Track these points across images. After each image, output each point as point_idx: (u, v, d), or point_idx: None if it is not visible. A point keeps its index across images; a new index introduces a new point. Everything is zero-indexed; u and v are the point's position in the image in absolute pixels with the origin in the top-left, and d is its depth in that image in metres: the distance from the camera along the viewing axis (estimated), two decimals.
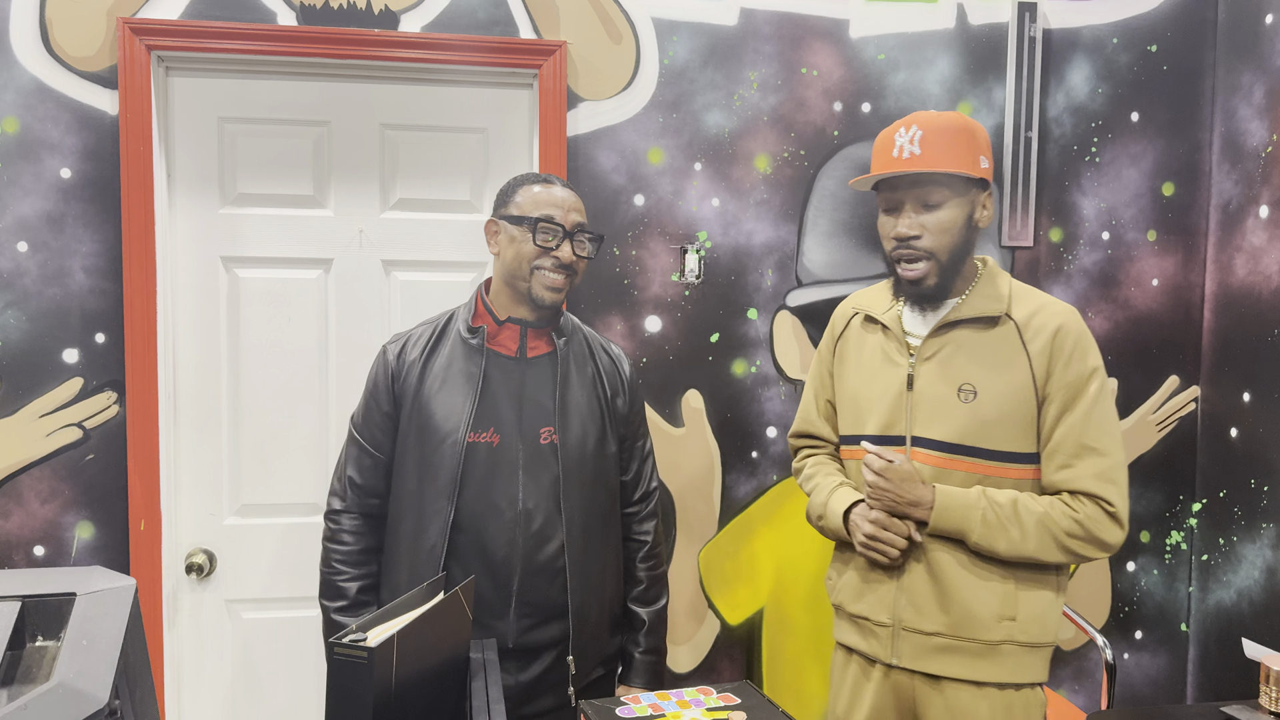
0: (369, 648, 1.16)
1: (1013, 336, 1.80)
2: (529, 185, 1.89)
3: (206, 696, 2.53)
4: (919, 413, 1.82)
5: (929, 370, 1.83)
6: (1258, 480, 2.55)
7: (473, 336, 1.89)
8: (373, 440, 1.92)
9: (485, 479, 1.83)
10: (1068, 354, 1.77)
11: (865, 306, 1.98)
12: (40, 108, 2.32)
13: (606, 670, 1.99)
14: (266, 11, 2.39)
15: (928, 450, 1.81)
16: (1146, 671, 2.83)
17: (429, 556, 1.83)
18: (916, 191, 1.78)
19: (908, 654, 1.82)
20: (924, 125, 1.78)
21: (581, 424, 1.90)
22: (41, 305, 2.34)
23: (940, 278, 1.81)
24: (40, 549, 2.38)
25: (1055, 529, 1.74)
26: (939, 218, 1.78)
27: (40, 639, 0.97)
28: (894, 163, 1.79)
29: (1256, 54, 2.58)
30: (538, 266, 1.84)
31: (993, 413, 1.78)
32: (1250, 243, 2.59)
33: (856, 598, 1.90)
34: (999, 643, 1.77)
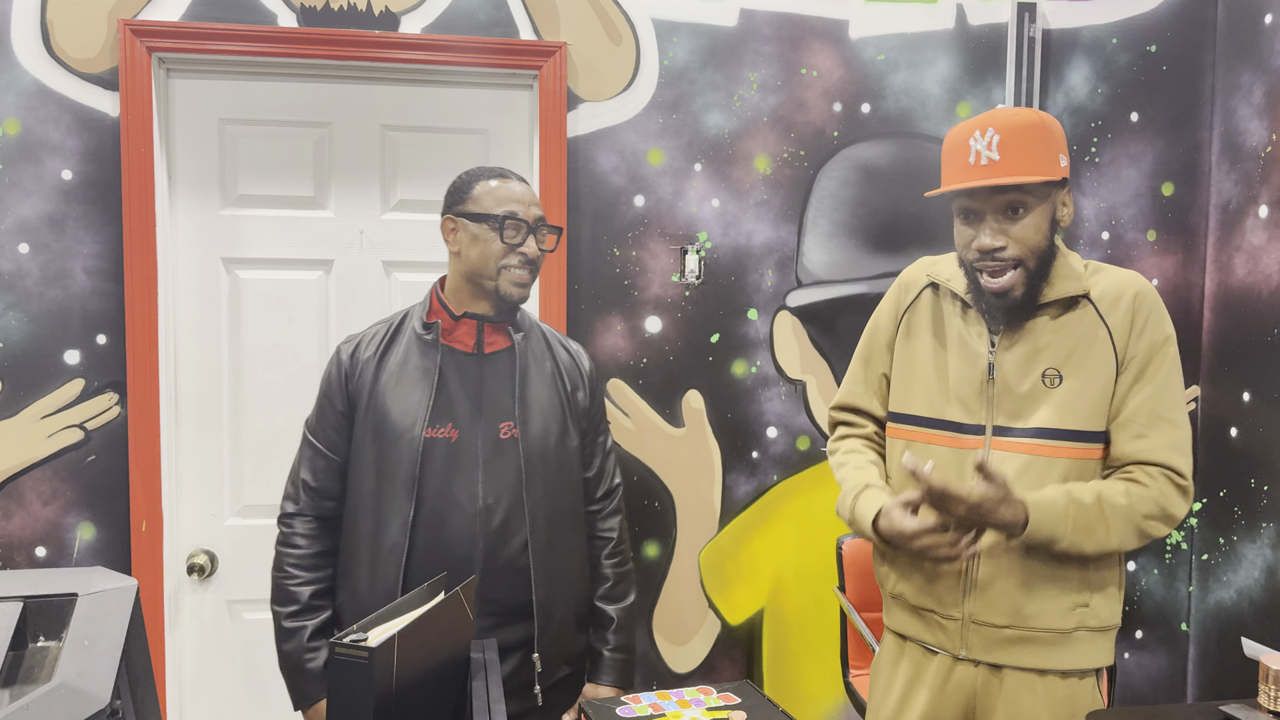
0: (370, 648, 1.16)
1: (1091, 313, 1.74)
2: (485, 180, 1.85)
3: (208, 696, 2.54)
4: (1002, 403, 1.75)
5: (1011, 357, 1.75)
6: (1258, 480, 2.55)
7: (427, 332, 1.86)
8: (327, 441, 1.89)
9: (444, 475, 1.81)
10: (1144, 321, 1.72)
11: (946, 279, 1.85)
12: (41, 109, 2.32)
13: (573, 669, 1.95)
14: (267, 13, 2.40)
15: (1012, 438, 1.74)
16: (1147, 671, 2.83)
17: (390, 555, 1.80)
18: (997, 199, 1.69)
19: (978, 646, 1.76)
20: (1000, 127, 1.67)
21: (543, 418, 1.88)
22: (43, 306, 2.35)
23: (1028, 286, 1.72)
24: (42, 550, 2.38)
25: (1136, 516, 1.68)
26: (1023, 226, 1.69)
27: (42, 639, 0.98)
28: (972, 171, 1.68)
29: (1256, 54, 2.58)
30: (505, 265, 1.82)
31: (1079, 394, 1.72)
32: (1250, 242, 2.59)
33: (920, 590, 1.81)
34: (1072, 630, 1.73)
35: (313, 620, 1.85)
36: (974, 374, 1.78)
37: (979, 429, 1.76)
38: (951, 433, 1.79)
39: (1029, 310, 1.75)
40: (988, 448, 1.76)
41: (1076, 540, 1.68)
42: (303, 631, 1.83)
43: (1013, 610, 1.74)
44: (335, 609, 1.89)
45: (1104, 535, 1.69)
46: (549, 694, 1.89)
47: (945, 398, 1.81)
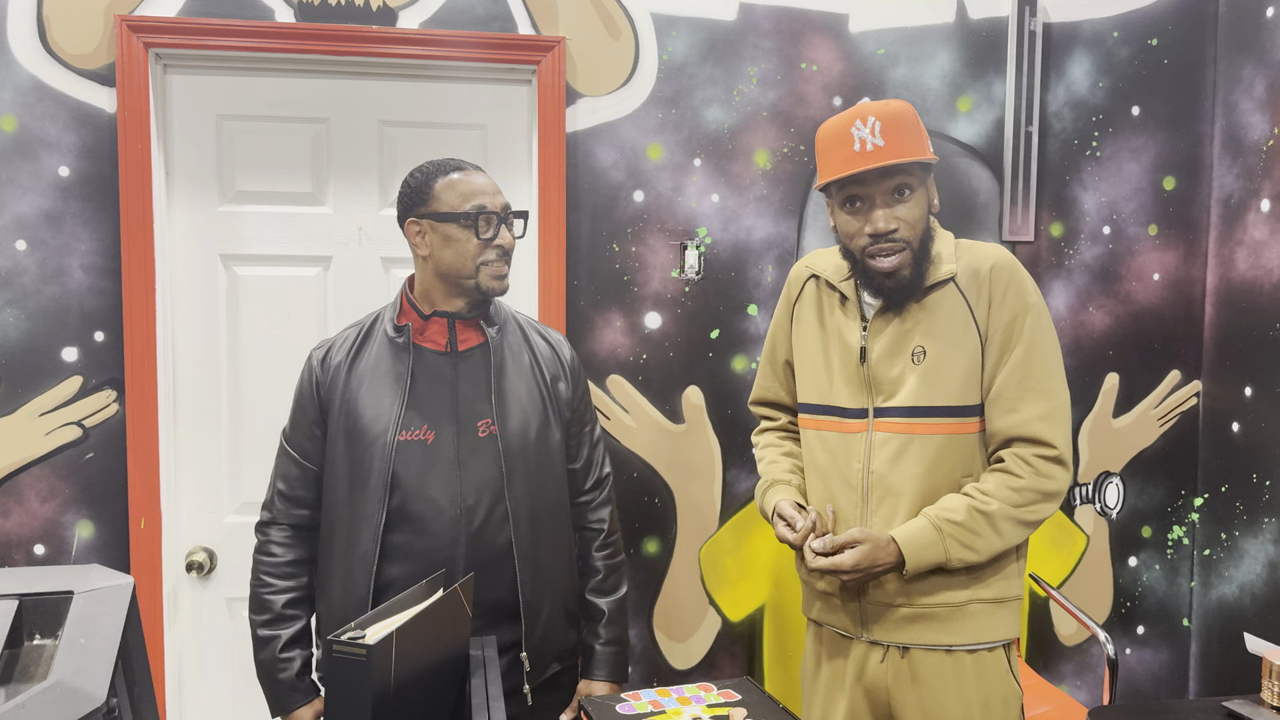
0: (367, 645, 1.15)
1: (952, 290, 1.79)
2: (444, 176, 1.80)
3: (207, 694, 2.53)
4: (878, 384, 1.81)
5: (881, 342, 1.81)
6: (1259, 475, 2.55)
7: (399, 335, 1.83)
8: (301, 449, 1.87)
9: (421, 478, 1.78)
10: (1001, 293, 1.77)
11: (822, 270, 1.93)
12: (38, 106, 2.32)
13: (564, 666, 1.93)
14: (264, 9, 2.39)
15: (890, 419, 1.80)
16: (1149, 667, 2.83)
17: (360, 562, 1.77)
18: (886, 183, 1.75)
19: (879, 628, 1.81)
20: (880, 115, 1.74)
21: (522, 413, 1.84)
22: (40, 303, 2.34)
23: (914, 266, 1.78)
24: (40, 548, 2.38)
25: (1012, 512, 1.73)
26: (910, 208, 1.76)
27: (38, 637, 0.97)
28: (860, 157, 1.73)
29: (1257, 47, 2.58)
30: (484, 261, 1.79)
31: (942, 369, 1.77)
32: (1251, 237, 2.58)
33: (820, 575, 1.86)
34: (965, 604, 1.77)
35: (286, 630, 1.84)
36: (850, 359, 1.85)
37: (862, 412, 1.83)
38: (838, 417, 1.86)
39: (917, 289, 1.80)
40: (870, 429, 1.81)
41: (964, 556, 1.73)
42: (275, 641, 1.83)
43: (904, 588, 1.79)
44: (309, 618, 1.88)
45: (991, 540, 1.73)
46: (540, 692, 1.87)
47: (831, 384, 1.88)
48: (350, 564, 1.79)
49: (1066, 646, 2.80)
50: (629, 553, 2.60)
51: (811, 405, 1.92)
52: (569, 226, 2.51)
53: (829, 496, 1.85)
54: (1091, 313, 2.73)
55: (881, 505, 1.80)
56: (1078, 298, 2.72)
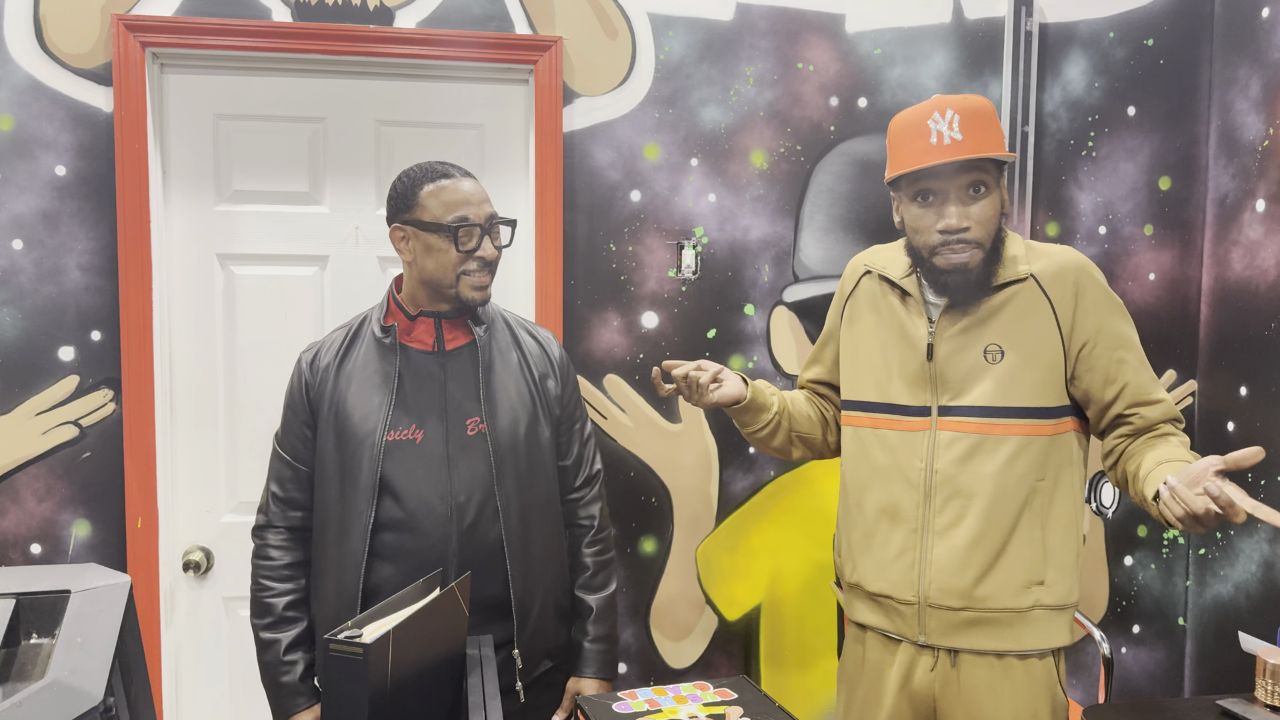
0: (364, 644, 1.16)
1: (1033, 289, 1.75)
2: (431, 181, 1.79)
3: (204, 694, 2.53)
4: (944, 381, 1.76)
5: (951, 337, 1.76)
6: (1254, 474, 2.55)
7: (385, 335, 1.84)
8: (293, 451, 1.88)
9: (410, 477, 1.78)
10: (1093, 297, 1.74)
11: (880, 267, 1.88)
12: (34, 105, 2.31)
13: (555, 663, 1.94)
14: (261, 8, 2.39)
15: (959, 417, 1.75)
16: (1144, 665, 2.83)
17: (350, 562, 1.78)
18: (962, 178, 1.69)
19: (936, 631, 1.77)
20: (959, 109, 1.69)
21: (511, 411, 1.85)
22: (37, 303, 2.34)
23: (983, 266, 1.74)
24: (37, 547, 2.38)
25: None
26: (983, 206, 1.71)
27: (35, 636, 0.97)
28: (936, 150, 1.68)
29: (1253, 48, 2.58)
30: (464, 271, 1.79)
31: (1022, 369, 1.72)
32: (1247, 236, 2.59)
33: (877, 577, 1.83)
34: (1029, 609, 1.73)
35: (288, 633, 1.84)
36: (914, 355, 1.80)
37: (925, 410, 1.79)
38: (898, 415, 1.82)
39: (984, 289, 1.76)
40: (934, 428, 1.77)
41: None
42: (278, 644, 1.83)
43: (967, 592, 1.74)
44: (309, 621, 1.88)
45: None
46: (532, 690, 1.88)
47: (889, 381, 1.83)
48: (342, 563, 1.79)
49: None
50: (625, 552, 2.60)
51: (865, 403, 1.87)
52: (566, 226, 2.51)
53: (889, 496, 1.81)
54: None
55: (947, 506, 1.76)
56: None
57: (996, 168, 1.73)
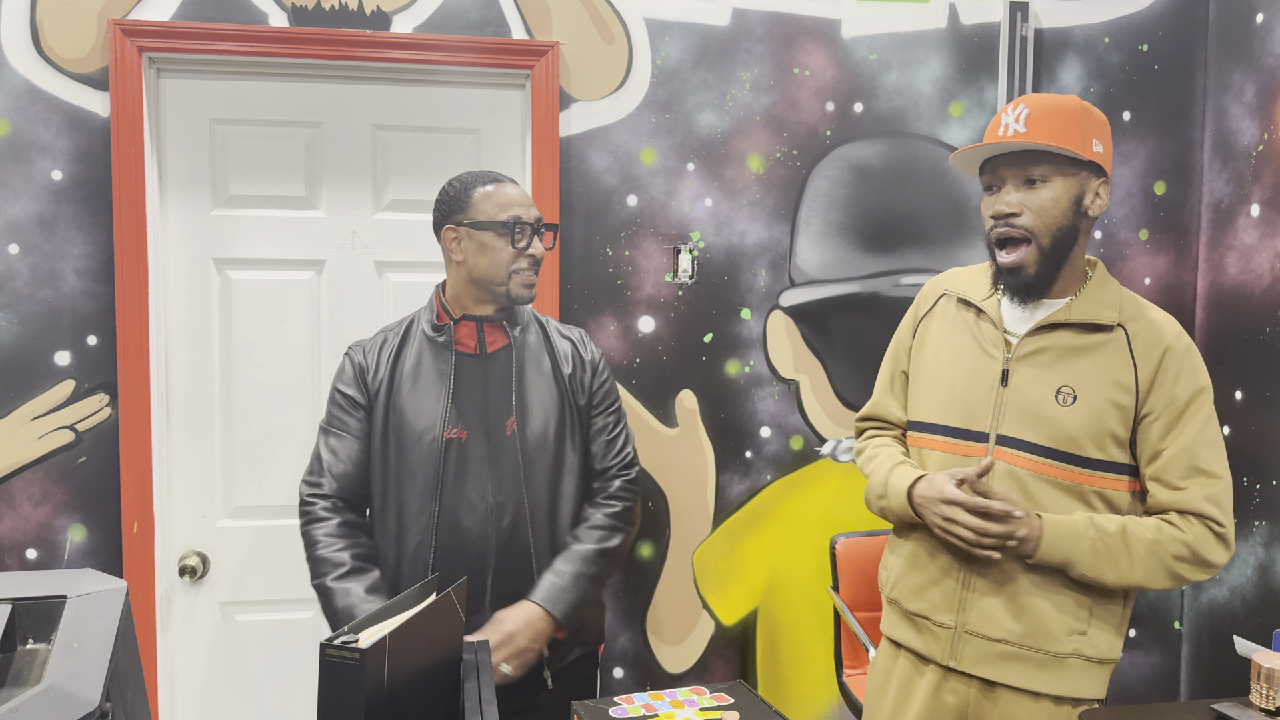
0: (361, 649, 1.15)
1: (1121, 345, 1.70)
2: (481, 186, 1.88)
3: (200, 699, 2.53)
4: (1010, 411, 1.72)
5: (1027, 368, 1.73)
6: (1250, 479, 2.56)
7: (439, 334, 1.91)
8: (345, 426, 1.91)
9: (457, 475, 1.86)
10: (1176, 370, 1.68)
11: (960, 289, 1.86)
12: (31, 110, 2.31)
13: (585, 652, 1.99)
14: (258, 13, 2.39)
15: (1016, 451, 1.71)
16: (1140, 669, 2.84)
17: (415, 556, 1.86)
18: (1019, 170, 1.70)
19: (969, 658, 1.74)
20: (1032, 104, 1.70)
21: (543, 411, 1.91)
22: (33, 308, 2.34)
23: (1041, 266, 1.70)
24: (33, 552, 2.37)
25: (1164, 554, 1.65)
26: (1040, 196, 1.68)
27: (31, 641, 0.97)
28: (998, 140, 1.70)
29: (1247, 53, 2.59)
30: (516, 269, 1.87)
31: (1091, 420, 1.68)
32: (1242, 241, 2.60)
33: (916, 595, 1.80)
34: (1067, 655, 1.70)
35: (360, 581, 1.82)
36: (985, 379, 1.75)
37: (983, 436, 1.74)
38: (954, 439, 1.78)
39: (1044, 288, 1.73)
40: (990, 455, 1.72)
41: (1096, 567, 1.65)
42: (353, 590, 1.81)
43: (1007, 625, 1.71)
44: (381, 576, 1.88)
45: (1126, 567, 1.65)
46: (560, 678, 1.93)
47: (951, 403, 1.79)
48: (403, 557, 1.86)
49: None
50: None
51: (926, 424, 1.84)
52: (562, 231, 2.52)
53: None
54: None
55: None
56: None
57: (1067, 163, 1.69)
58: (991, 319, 1.78)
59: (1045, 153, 1.68)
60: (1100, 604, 1.72)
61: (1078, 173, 1.70)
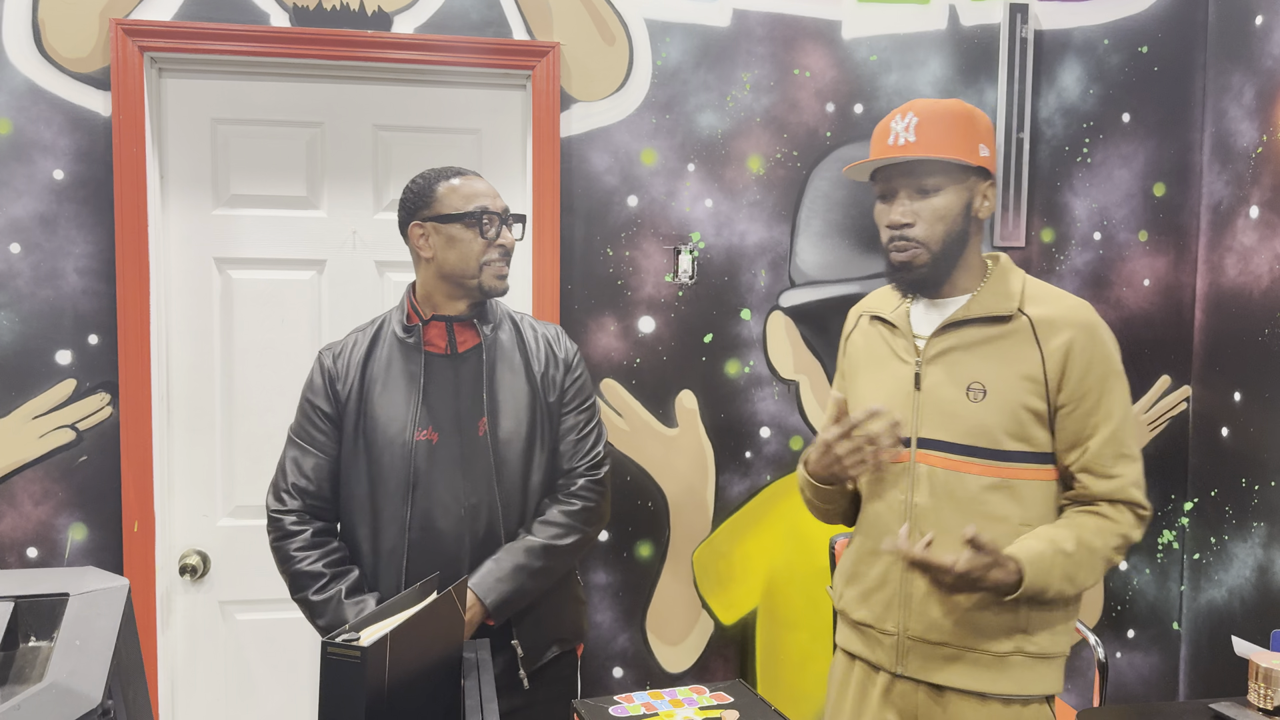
0: (362, 647, 1.16)
1: (1026, 334, 1.73)
2: (445, 180, 1.85)
3: (200, 697, 2.53)
4: (926, 413, 1.76)
5: (936, 369, 1.76)
6: (1249, 479, 2.56)
7: (409, 335, 1.88)
8: (313, 441, 1.89)
9: (429, 478, 1.83)
10: (1088, 356, 1.71)
11: (872, 307, 1.92)
12: (33, 109, 2.32)
13: (564, 650, 1.95)
14: (259, 13, 2.39)
15: (936, 452, 1.75)
16: (1139, 670, 2.84)
17: (390, 560, 1.83)
18: (911, 179, 1.73)
19: (914, 664, 1.76)
20: (920, 112, 1.72)
21: (515, 410, 1.88)
22: (34, 307, 2.34)
23: (931, 266, 1.74)
24: (33, 550, 2.38)
25: (1106, 550, 1.69)
26: (933, 205, 1.72)
27: (33, 639, 0.97)
28: (888, 150, 1.74)
29: (1246, 55, 2.60)
30: (487, 260, 1.84)
31: (1003, 412, 1.71)
32: (1241, 243, 2.60)
33: (859, 604, 1.83)
34: (1009, 654, 1.72)
35: (341, 585, 1.82)
36: (902, 385, 1.80)
37: (905, 441, 1.78)
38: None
39: (935, 285, 1.78)
40: (913, 460, 1.76)
41: (1062, 589, 1.68)
42: (336, 597, 1.80)
43: (948, 627, 1.73)
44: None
45: (1084, 578, 1.70)
46: (539, 678, 1.89)
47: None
48: (378, 561, 1.84)
49: None
50: (622, 556, 2.60)
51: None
52: (563, 231, 2.52)
53: (881, 530, 1.80)
54: None
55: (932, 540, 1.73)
56: None
57: (959, 171, 1.73)
58: (900, 327, 1.83)
59: (937, 162, 1.72)
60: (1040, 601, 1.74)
61: (968, 179, 1.75)
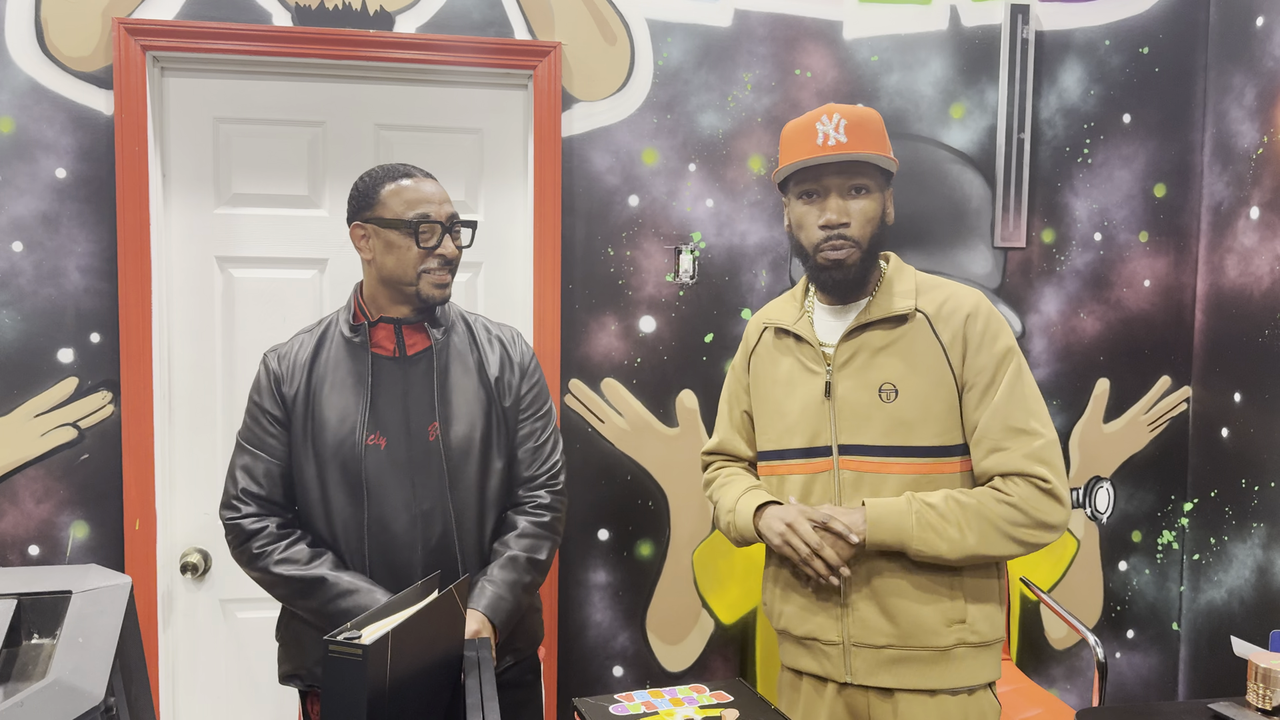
0: (363, 645, 1.16)
1: (924, 329, 1.78)
2: (392, 181, 1.80)
3: (201, 695, 2.54)
4: (842, 420, 1.78)
5: (846, 375, 1.79)
6: (1248, 480, 2.56)
7: (355, 335, 1.83)
8: (263, 445, 1.83)
9: (379, 484, 1.79)
10: (979, 338, 1.75)
11: (774, 319, 1.92)
12: (35, 108, 2.32)
13: (519, 660, 1.92)
14: (262, 12, 2.40)
15: (856, 456, 1.77)
16: (1138, 670, 2.84)
17: (353, 563, 1.80)
18: (843, 179, 1.76)
19: (861, 670, 1.77)
20: (845, 114, 1.76)
21: (468, 415, 1.84)
22: (37, 305, 2.35)
23: (860, 266, 1.78)
24: (35, 548, 2.38)
25: (993, 517, 1.69)
26: (864, 206, 1.76)
27: (36, 636, 0.98)
28: (820, 149, 1.75)
29: (1247, 56, 2.60)
30: (425, 269, 1.78)
31: (916, 409, 1.75)
32: (1241, 244, 2.60)
33: (802, 620, 1.84)
34: (951, 647, 1.74)
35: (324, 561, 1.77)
36: (814, 394, 1.82)
37: (826, 450, 1.80)
38: (801, 459, 1.83)
39: (861, 286, 1.81)
40: (836, 467, 1.79)
41: (928, 540, 1.69)
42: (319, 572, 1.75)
43: (888, 630, 1.75)
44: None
45: (957, 536, 1.69)
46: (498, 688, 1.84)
47: (792, 427, 1.85)
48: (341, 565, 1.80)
49: (1057, 650, 2.81)
50: (622, 555, 2.61)
51: (779, 451, 1.88)
52: (564, 230, 2.52)
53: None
54: (1083, 318, 2.75)
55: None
56: (1069, 304, 2.74)
57: (881, 175, 1.79)
58: (806, 339, 1.84)
59: (867, 163, 1.76)
60: (975, 587, 1.77)
61: (885, 184, 1.81)
